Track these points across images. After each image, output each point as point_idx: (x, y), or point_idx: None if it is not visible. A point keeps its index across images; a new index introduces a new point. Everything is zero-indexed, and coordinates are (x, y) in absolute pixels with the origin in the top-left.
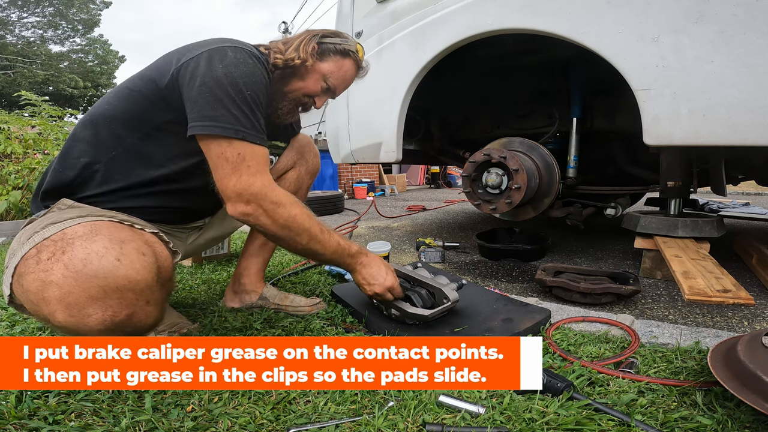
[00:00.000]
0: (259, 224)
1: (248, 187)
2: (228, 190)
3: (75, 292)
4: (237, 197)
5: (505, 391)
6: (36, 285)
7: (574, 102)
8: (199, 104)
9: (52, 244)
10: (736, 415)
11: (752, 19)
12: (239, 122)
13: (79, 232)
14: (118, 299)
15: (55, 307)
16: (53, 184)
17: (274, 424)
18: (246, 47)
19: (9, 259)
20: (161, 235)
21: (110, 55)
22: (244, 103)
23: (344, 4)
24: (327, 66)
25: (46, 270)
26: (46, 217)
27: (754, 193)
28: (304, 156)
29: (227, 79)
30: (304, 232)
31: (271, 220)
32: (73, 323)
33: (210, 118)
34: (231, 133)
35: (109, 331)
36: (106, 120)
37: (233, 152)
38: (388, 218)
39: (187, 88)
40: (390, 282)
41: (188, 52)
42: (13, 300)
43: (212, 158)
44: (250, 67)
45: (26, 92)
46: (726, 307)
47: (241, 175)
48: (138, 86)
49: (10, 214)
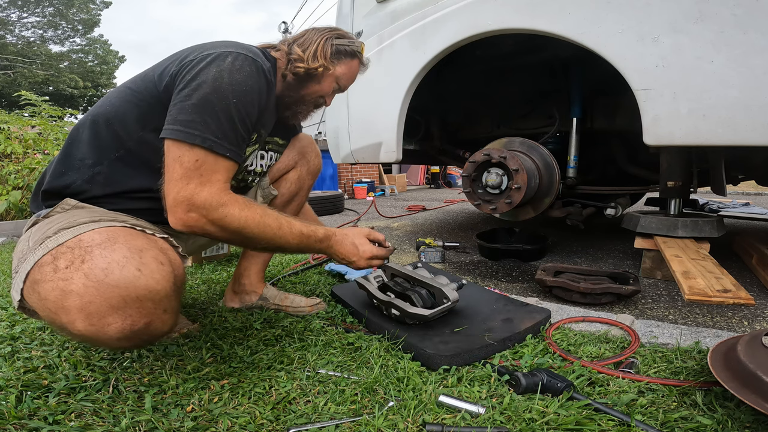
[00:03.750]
0: (206, 233)
1: (192, 197)
2: (169, 198)
3: (96, 301)
4: (176, 206)
5: (505, 390)
6: (55, 294)
7: (574, 102)
8: (176, 107)
9: (69, 251)
10: (736, 415)
11: (752, 19)
12: (209, 130)
13: (97, 240)
14: (137, 308)
15: (75, 316)
16: (55, 185)
17: (274, 424)
18: (250, 54)
19: (19, 263)
20: (171, 240)
21: (110, 55)
22: (223, 112)
23: (344, 4)
24: (340, 69)
25: (65, 279)
26: (54, 219)
27: (754, 193)
28: (306, 156)
29: (214, 84)
30: (259, 234)
31: (217, 230)
32: (93, 332)
33: (179, 122)
34: (197, 140)
35: (127, 339)
36: (108, 121)
37: (191, 158)
38: (388, 218)
39: (176, 89)
40: (368, 253)
41: (191, 54)
42: (23, 305)
43: (168, 160)
44: (245, 76)
45: (26, 92)
46: (726, 307)
47: (189, 183)
48: (139, 87)
49: (10, 214)
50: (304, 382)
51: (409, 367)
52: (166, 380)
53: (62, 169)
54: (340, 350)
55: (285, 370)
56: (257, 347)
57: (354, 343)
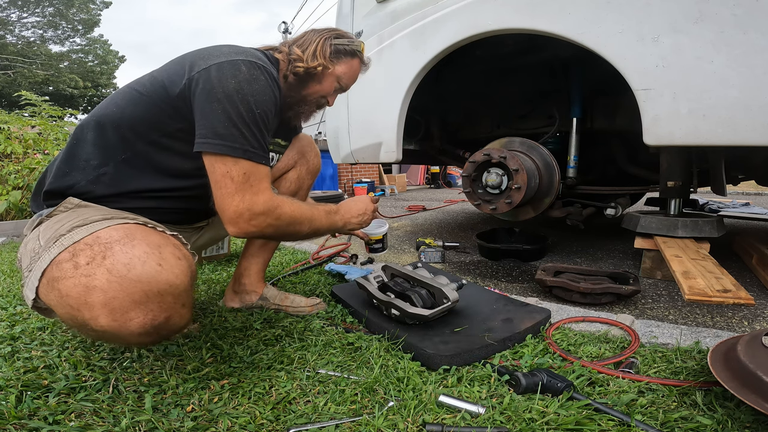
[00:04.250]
0: (264, 235)
1: (252, 207)
2: (230, 211)
3: (119, 296)
4: (239, 218)
5: (505, 390)
6: (78, 290)
7: (574, 102)
8: (209, 120)
9: (88, 248)
10: (736, 415)
11: (752, 19)
12: (248, 142)
13: (115, 237)
14: (158, 303)
15: (99, 311)
16: (58, 185)
17: (274, 424)
18: (259, 61)
19: (31, 262)
20: (180, 237)
21: (110, 55)
22: (253, 123)
23: (344, 4)
24: (341, 68)
25: (88, 275)
26: (62, 217)
27: (754, 193)
28: (305, 156)
29: (239, 96)
30: (303, 221)
31: (274, 228)
32: (116, 327)
33: (219, 136)
34: (239, 153)
35: (147, 335)
36: (113, 123)
37: (239, 172)
38: (388, 218)
39: (197, 99)
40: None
41: (201, 61)
42: (37, 303)
43: (216, 176)
44: (262, 84)
45: (26, 92)
46: (726, 307)
47: (244, 195)
48: (148, 90)
49: (10, 214)
50: (304, 382)
51: (409, 367)
52: (166, 380)
53: (66, 170)
54: (340, 350)
55: (285, 370)
56: (257, 347)
57: (354, 343)
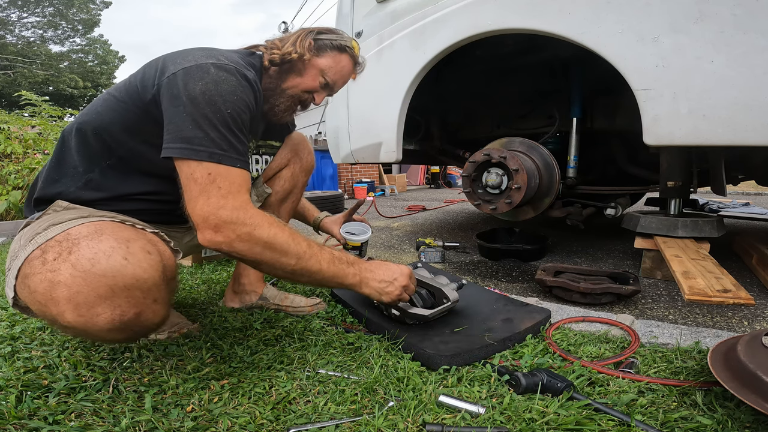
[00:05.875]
0: (234, 252)
1: (216, 211)
2: (194, 215)
3: (84, 291)
4: (204, 223)
5: (505, 390)
6: (44, 285)
7: (574, 102)
8: (175, 124)
9: (57, 244)
10: (736, 415)
11: (752, 19)
12: (214, 144)
13: (84, 232)
14: (126, 298)
15: (64, 307)
16: (47, 192)
17: (274, 424)
18: (231, 64)
19: (11, 261)
20: (162, 235)
21: (110, 55)
22: (222, 123)
23: (344, 4)
24: (324, 61)
25: (53, 270)
26: (45, 218)
27: (754, 193)
28: (299, 154)
29: (204, 97)
30: (289, 251)
31: (247, 245)
32: (82, 323)
33: (183, 139)
34: (204, 156)
35: (118, 331)
36: (94, 130)
37: (203, 173)
38: (388, 218)
39: (164, 104)
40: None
41: (171, 65)
42: (17, 302)
43: (182, 180)
44: (232, 85)
45: (26, 92)
46: (726, 307)
47: (209, 197)
48: (123, 96)
49: (10, 214)
50: (304, 382)
51: (409, 367)
52: (166, 380)
53: (56, 176)
54: (340, 350)
55: (285, 370)
56: (257, 347)
57: (354, 343)
